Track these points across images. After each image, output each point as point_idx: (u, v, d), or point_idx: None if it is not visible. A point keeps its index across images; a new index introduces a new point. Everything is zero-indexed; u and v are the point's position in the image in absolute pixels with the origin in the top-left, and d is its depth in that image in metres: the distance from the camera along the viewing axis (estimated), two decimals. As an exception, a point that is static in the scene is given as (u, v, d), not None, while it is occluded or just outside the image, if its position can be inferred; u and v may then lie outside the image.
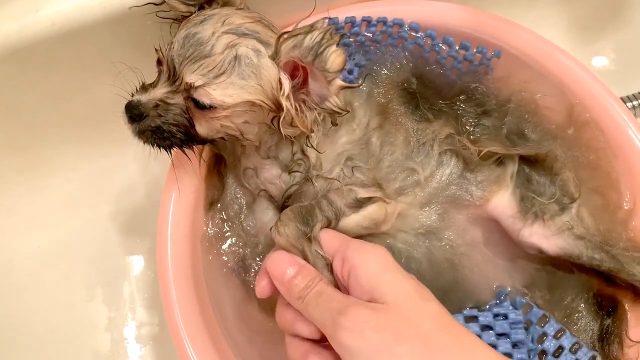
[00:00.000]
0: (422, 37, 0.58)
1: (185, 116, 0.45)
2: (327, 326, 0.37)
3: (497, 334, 0.46)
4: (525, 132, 0.54)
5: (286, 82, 0.43)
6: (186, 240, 0.51)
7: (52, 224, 0.67)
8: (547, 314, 0.48)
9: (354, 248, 0.41)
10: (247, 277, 0.53)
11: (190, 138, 0.46)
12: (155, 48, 0.45)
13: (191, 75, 0.43)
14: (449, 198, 0.51)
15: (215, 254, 0.53)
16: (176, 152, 0.51)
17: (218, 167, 0.55)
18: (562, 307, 0.51)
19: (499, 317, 0.47)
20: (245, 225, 0.53)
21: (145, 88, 0.45)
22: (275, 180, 0.51)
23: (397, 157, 0.51)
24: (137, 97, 0.45)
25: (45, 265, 0.65)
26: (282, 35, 0.41)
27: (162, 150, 0.47)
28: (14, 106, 0.60)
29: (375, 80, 0.55)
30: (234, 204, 0.54)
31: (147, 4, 0.48)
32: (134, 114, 0.44)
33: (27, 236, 0.66)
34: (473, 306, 0.49)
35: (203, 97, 0.43)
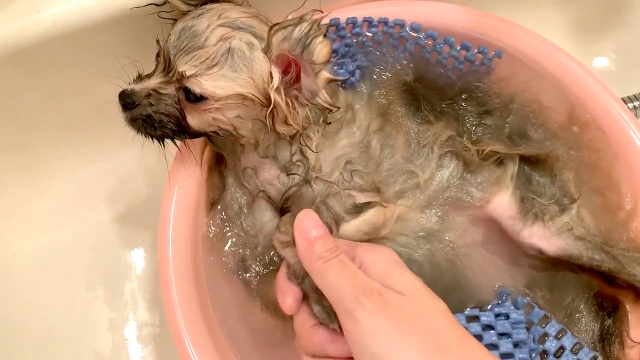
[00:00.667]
0: (423, 38, 0.58)
1: (177, 107, 0.45)
2: (347, 299, 0.36)
3: (498, 334, 0.46)
4: (527, 132, 0.54)
5: (276, 75, 0.43)
6: (187, 240, 0.51)
7: (53, 225, 0.67)
8: (548, 315, 0.48)
9: (362, 247, 0.42)
10: (247, 277, 0.53)
11: (182, 130, 0.47)
12: (157, 40, 0.46)
13: (184, 66, 0.43)
14: (449, 200, 0.51)
15: (216, 254, 0.53)
16: (177, 152, 0.52)
17: (219, 167, 0.55)
18: (563, 307, 0.51)
19: (501, 316, 0.47)
20: (245, 226, 0.53)
21: (141, 78, 0.46)
22: (274, 181, 0.51)
23: (396, 160, 0.51)
24: (131, 86, 0.45)
25: (45, 266, 0.65)
26: (273, 27, 0.42)
27: (154, 140, 0.47)
28: (14, 107, 0.59)
29: (376, 81, 0.55)
30: (234, 204, 0.54)
31: (149, 4, 0.48)
32: (127, 102, 0.45)
33: (28, 237, 0.66)
34: (474, 306, 0.49)
35: (194, 87, 0.43)
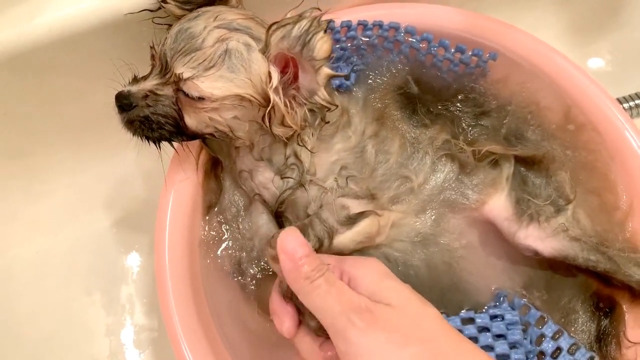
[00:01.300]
0: (418, 41, 0.58)
1: (174, 107, 0.45)
2: (337, 320, 0.36)
3: (494, 335, 0.46)
4: (523, 133, 0.54)
5: (275, 75, 0.43)
6: (184, 244, 0.51)
7: (51, 230, 0.67)
8: (545, 315, 0.48)
9: (350, 262, 0.42)
10: (243, 280, 0.53)
11: (179, 131, 0.47)
12: (150, 45, 0.46)
13: (181, 68, 0.43)
14: (445, 203, 0.51)
15: (212, 257, 0.53)
16: (174, 156, 0.52)
17: (215, 170, 0.55)
18: (559, 308, 0.51)
19: (496, 318, 0.47)
20: (242, 229, 0.53)
21: (137, 80, 0.46)
22: (268, 185, 0.51)
23: (391, 166, 0.51)
24: (128, 88, 0.45)
25: (43, 271, 0.65)
26: (272, 26, 0.42)
27: (150, 143, 0.47)
28: (11, 113, 0.60)
29: (372, 85, 0.55)
30: (231, 206, 0.54)
31: (143, 10, 0.48)
32: (124, 103, 0.45)
33: (26, 242, 0.66)
34: (470, 308, 0.49)
35: (192, 90, 0.43)
